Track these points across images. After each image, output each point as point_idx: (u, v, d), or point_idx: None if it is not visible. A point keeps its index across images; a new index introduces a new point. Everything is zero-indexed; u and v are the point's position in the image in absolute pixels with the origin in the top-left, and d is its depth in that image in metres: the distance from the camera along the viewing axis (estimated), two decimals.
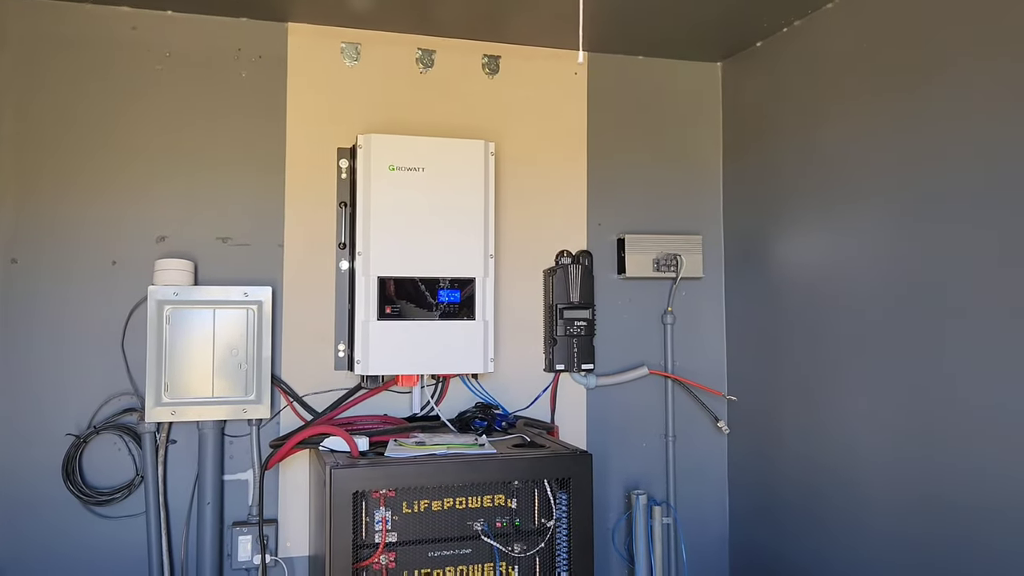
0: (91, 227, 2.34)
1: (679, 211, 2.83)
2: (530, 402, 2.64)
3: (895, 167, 2.06)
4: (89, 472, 2.32)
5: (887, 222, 2.09)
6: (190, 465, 2.36)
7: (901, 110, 2.04)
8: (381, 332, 2.31)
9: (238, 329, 2.31)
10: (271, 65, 2.49)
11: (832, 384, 2.30)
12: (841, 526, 2.26)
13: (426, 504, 2.02)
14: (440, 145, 2.38)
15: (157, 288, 2.26)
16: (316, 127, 2.51)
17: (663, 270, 2.73)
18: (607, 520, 2.72)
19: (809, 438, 2.40)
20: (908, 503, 2.01)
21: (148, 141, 2.39)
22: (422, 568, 2.01)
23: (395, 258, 2.33)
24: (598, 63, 2.78)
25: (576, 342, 2.61)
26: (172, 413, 2.25)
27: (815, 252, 2.38)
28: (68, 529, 2.29)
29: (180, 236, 2.40)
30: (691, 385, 2.78)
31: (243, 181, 2.46)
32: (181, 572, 2.35)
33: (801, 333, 2.44)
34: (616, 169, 2.78)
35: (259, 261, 2.45)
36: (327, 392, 2.48)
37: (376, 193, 2.32)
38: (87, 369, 2.32)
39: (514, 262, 2.66)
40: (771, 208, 2.59)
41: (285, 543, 2.43)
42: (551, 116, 2.73)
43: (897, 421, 2.05)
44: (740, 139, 2.79)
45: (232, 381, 2.30)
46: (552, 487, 2.08)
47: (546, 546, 2.07)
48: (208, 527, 2.32)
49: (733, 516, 2.81)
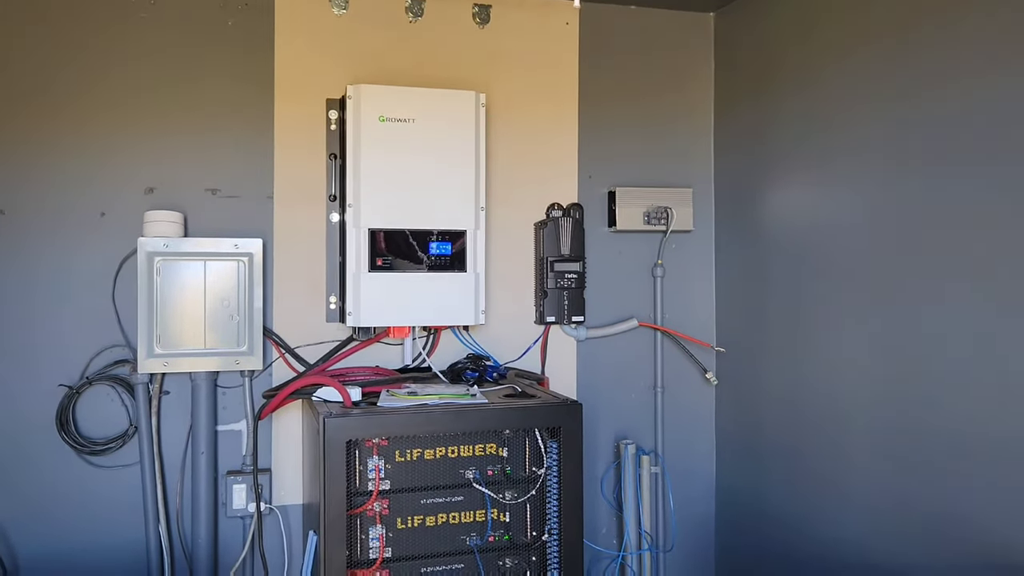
0: (78, 178, 2.32)
1: (670, 164, 2.83)
2: (521, 354, 2.66)
3: (890, 119, 2.06)
4: (83, 423, 2.33)
5: (879, 174, 2.09)
6: (183, 416, 2.38)
7: (898, 61, 2.03)
8: (372, 284, 2.31)
9: (229, 281, 2.31)
10: (258, 13, 2.45)
11: (816, 334, 2.33)
12: (825, 471, 2.30)
13: (418, 453, 2.05)
14: (431, 96, 2.36)
15: (147, 240, 2.25)
16: (304, 77, 2.48)
17: (654, 223, 2.73)
18: (596, 469, 2.77)
19: (794, 387, 2.43)
20: (887, 447, 2.05)
21: (134, 91, 2.36)
22: (415, 515, 2.04)
23: (386, 210, 2.32)
24: (590, 13, 2.74)
25: (566, 295, 2.63)
26: (164, 364, 2.26)
27: (805, 205, 2.39)
28: (64, 480, 2.31)
29: (169, 188, 2.38)
30: (680, 337, 2.80)
31: (231, 132, 2.43)
32: (177, 520, 2.38)
33: (787, 287, 2.46)
34: (607, 122, 2.76)
35: (249, 213, 2.44)
36: (319, 344, 2.49)
37: (366, 145, 2.30)
38: (78, 321, 2.32)
39: (505, 215, 2.65)
40: (763, 161, 2.59)
41: (279, 491, 2.46)
42: (542, 67, 2.70)
43: (878, 369, 2.09)
44: (733, 91, 2.78)
45: (224, 333, 2.30)
46: (543, 436, 2.11)
47: (537, 494, 2.11)
48: (203, 476, 2.35)
49: (720, 465, 2.87)
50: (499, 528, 2.11)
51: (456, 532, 2.08)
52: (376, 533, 2.01)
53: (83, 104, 2.32)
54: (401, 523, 2.03)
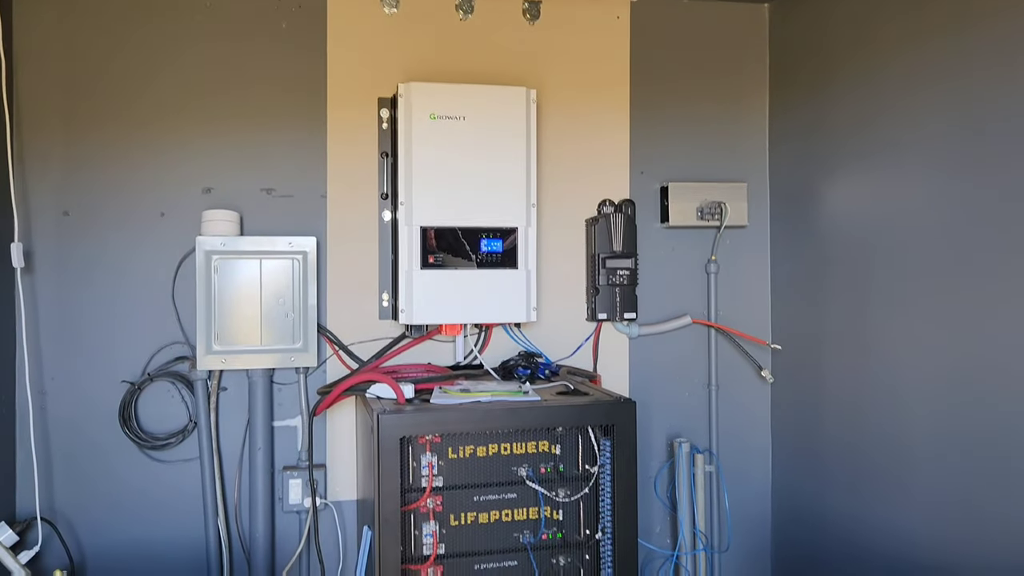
0: (139, 179, 2.38)
1: (724, 158, 2.78)
2: (573, 351, 2.65)
3: (951, 113, 1.99)
4: (144, 418, 2.39)
5: (940, 169, 2.02)
6: (241, 411, 2.42)
7: (960, 51, 1.96)
8: (424, 281, 2.32)
9: (284, 279, 2.34)
10: (311, 15, 2.48)
11: (878, 334, 2.26)
12: (885, 477, 2.24)
13: (471, 450, 2.05)
14: (481, 93, 2.36)
15: (205, 239, 2.29)
16: (356, 76, 2.50)
17: (707, 218, 2.69)
18: (650, 468, 2.74)
19: (854, 387, 2.37)
20: (953, 456, 1.99)
21: (191, 93, 2.41)
22: (468, 512, 2.05)
23: (437, 208, 2.33)
24: (642, 7, 2.71)
25: (618, 291, 2.60)
26: (222, 361, 2.31)
27: (864, 200, 2.33)
28: (126, 473, 2.38)
29: (225, 187, 2.43)
30: (734, 334, 2.76)
31: (285, 132, 2.47)
32: (235, 514, 2.43)
33: (848, 282, 2.39)
34: (659, 116, 2.73)
35: (303, 212, 2.48)
36: (372, 341, 2.51)
37: (417, 142, 2.31)
38: (139, 319, 2.38)
39: (556, 211, 2.64)
40: (819, 155, 2.53)
41: (334, 487, 2.49)
42: (593, 62, 2.68)
43: (944, 372, 2.02)
44: (787, 84, 2.72)
45: (279, 330, 2.34)
46: (596, 434, 2.09)
47: (590, 492, 2.09)
48: (260, 471, 2.39)
49: (776, 465, 2.81)
50: (552, 526, 2.10)
51: (509, 529, 2.07)
52: (429, 529, 2.01)
53: (140, 107, 2.38)
54: (454, 519, 2.04)
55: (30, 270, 2.31)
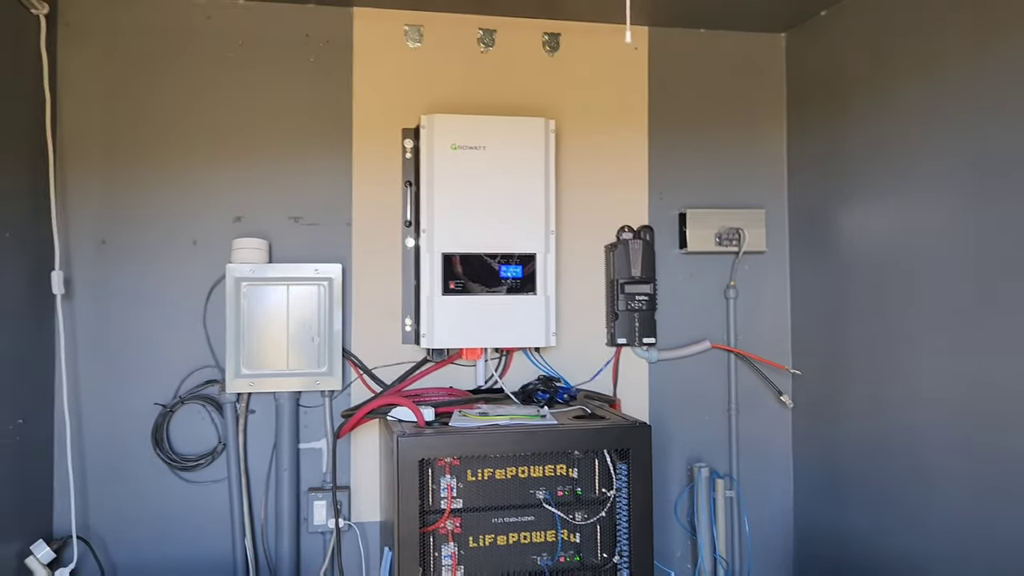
0: (173, 209, 2.47)
1: (742, 185, 2.81)
2: (592, 376, 2.68)
3: (967, 138, 2.01)
4: (176, 440, 2.47)
5: (958, 195, 2.04)
6: (268, 433, 2.49)
7: (975, 76, 1.98)
8: (446, 307, 2.38)
9: (310, 304, 2.42)
10: (337, 49, 2.57)
11: (899, 360, 2.27)
12: (906, 505, 2.23)
13: (490, 472, 2.09)
14: (501, 124, 2.43)
15: (235, 266, 2.38)
16: (381, 109, 2.58)
17: (725, 244, 2.72)
18: (670, 492, 2.75)
19: (875, 414, 2.37)
20: (975, 485, 1.98)
21: (222, 127, 2.51)
22: (486, 534, 2.08)
23: (458, 235, 2.39)
24: (659, 37, 2.77)
25: (638, 316, 2.63)
26: (250, 384, 2.38)
27: (883, 225, 2.34)
28: (158, 493, 2.45)
29: (255, 216, 2.51)
30: (754, 359, 2.77)
31: (312, 163, 2.55)
32: (261, 534, 2.49)
33: (868, 308, 2.40)
34: (677, 144, 2.78)
35: (329, 239, 2.55)
36: (395, 365, 2.57)
37: (439, 172, 2.38)
38: (172, 343, 2.46)
39: (575, 237, 2.69)
40: (837, 180, 2.55)
41: (358, 508, 2.54)
42: (612, 92, 2.74)
43: (965, 400, 2.02)
44: (805, 111, 2.75)
45: (305, 354, 2.41)
46: (612, 457, 2.12)
47: (607, 515, 2.12)
48: (285, 492, 2.45)
49: (797, 490, 2.81)
50: (569, 549, 2.12)
51: (527, 552, 2.10)
52: (448, 551, 2.05)
53: (175, 139, 2.48)
54: (473, 541, 2.07)
55: (70, 296, 2.41)
